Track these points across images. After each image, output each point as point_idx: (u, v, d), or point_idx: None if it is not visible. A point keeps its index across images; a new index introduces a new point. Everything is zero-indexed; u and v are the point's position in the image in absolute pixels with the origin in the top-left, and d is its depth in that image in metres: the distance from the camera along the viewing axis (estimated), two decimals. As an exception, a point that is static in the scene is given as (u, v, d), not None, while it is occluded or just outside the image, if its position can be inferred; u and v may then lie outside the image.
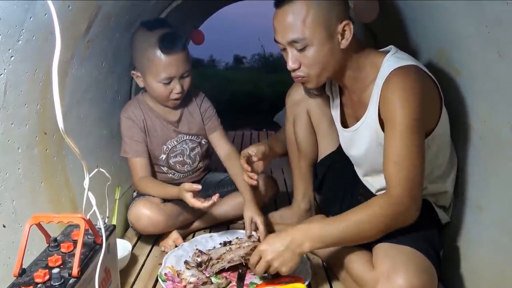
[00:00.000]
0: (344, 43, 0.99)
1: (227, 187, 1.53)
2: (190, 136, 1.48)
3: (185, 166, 1.49)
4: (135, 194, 1.45)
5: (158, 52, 1.30)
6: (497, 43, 0.91)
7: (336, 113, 1.21)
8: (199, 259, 1.20)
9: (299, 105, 1.31)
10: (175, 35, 1.34)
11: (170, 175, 1.49)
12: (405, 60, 1.00)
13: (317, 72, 1.02)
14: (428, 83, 1.00)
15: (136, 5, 1.45)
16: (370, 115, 1.04)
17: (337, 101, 1.19)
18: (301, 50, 0.99)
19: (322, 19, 0.96)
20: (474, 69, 1.04)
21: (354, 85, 1.08)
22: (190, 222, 1.44)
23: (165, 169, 1.48)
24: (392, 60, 1.00)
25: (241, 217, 1.52)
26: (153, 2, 1.58)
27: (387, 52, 1.04)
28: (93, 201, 0.80)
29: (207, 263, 1.19)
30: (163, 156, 1.45)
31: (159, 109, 1.44)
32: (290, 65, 1.02)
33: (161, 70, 1.31)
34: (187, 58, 1.36)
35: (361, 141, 1.10)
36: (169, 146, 1.45)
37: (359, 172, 1.21)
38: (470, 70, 1.07)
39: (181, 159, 1.48)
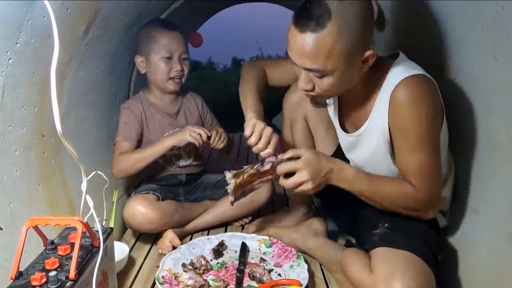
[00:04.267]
0: (365, 68, 0.95)
1: (224, 188, 1.53)
2: None
3: (180, 160, 1.53)
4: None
5: (161, 30, 1.47)
6: (494, 46, 0.91)
7: (335, 117, 1.20)
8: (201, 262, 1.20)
9: (296, 109, 1.30)
10: (175, 23, 1.56)
11: (167, 166, 1.52)
12: (413, 68, 0.97)
13: (331, 94, 1.02)
14: (436, 93, 0.98)
15: (135, 7, 1.45)
16: (375, 122, 1.02)
17: (336, 105, 1.18)
18: (316, 76, 0.94)
19: (346, 53, 0.89)
20: (470, 72, 1.05)
21: (358, 91, 1.05)
22: (186, 222, 1.45)
23: (160, 161, 1.51)
24: (400, 68, 0.98)
25: (238, 218, 1.53)
26: (151, 5, 1.58)
27: (393, 57, 1.02)
28: (91, 204, 0.80)
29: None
30: None
31: (159, 103, 1.52)
32: (303, 86, 0.97)
33: (162, 46, 1.45)
34: (185, 42, 1.51)
35: (365, 146, 1.08)
36: None
37: None
38: (466, 73, 1.07)
39: (177, 152, 1.52)
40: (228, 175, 0.98)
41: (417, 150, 0.95)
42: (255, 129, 1.02)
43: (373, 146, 1.06)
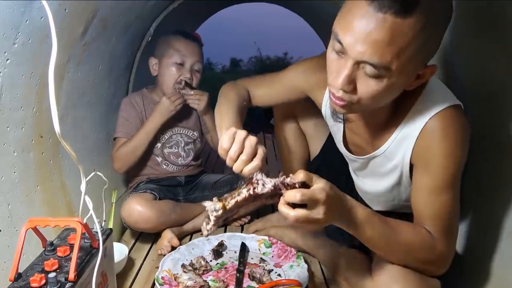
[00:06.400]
0: (413, 86, 0.80)
1: (223, 188, 1.54)
2: (186, 130, 1.57)
3: (179, 159, 1.56)
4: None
5: (178, 37, 1.51)
6: (493, 44, 0.91)
7: (339, 136, 1.07)
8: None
9: (286, 111, 1.31)
10: (196, 36, 1.58)
11: (164, 166, 1.54)
12: (450, 95, 0.86)
13: (366, 105, 0.79)
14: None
15: (133, 8, 1.45)
16: (393, 150, 0.91)
17: (340, 125, 1.04)
18: (369, 75, 0.73)
19: (415, 57, 0.72)
20: (470, 70, 1.05)
21: (380, 111, 0.90)
22: (184, 221, 1.45)
23: (159, 159, 1.53)
24: (436, 93, 0.84)
25: (237, 218, 1.53)
26: (150, 5, 1.58)
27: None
28: (90, 205, 0.79)
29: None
30: (158, 145, 1.52)
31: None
32: (342, 84, 0.75)
33: (176, 51, 1.49)
34: (200, 54, 1.54)
35: (378, 173, 0.99)
36: (166, 136, 1.53)
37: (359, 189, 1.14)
38: (466, 71, 1.07)
39: (176, 150, 1.55)
40: (210, 204, 0.73)
41: (442, 192, 0.84)
42: (235, 138, 0.79)
43: (381, 174, 0.97)
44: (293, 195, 0.71)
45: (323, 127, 1.25)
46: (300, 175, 0.74)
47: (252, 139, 0.79)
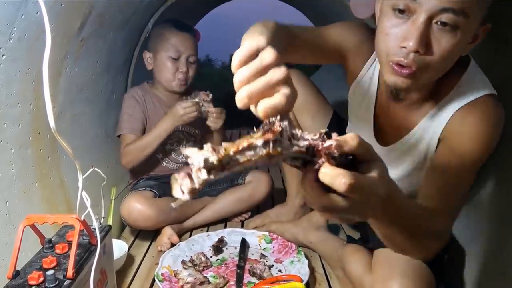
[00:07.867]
0: (467, 49, 0.79)
1: (223, 184, 1.54)
2: (189, 128, 1.56)
3: (180, 156, 1.55)
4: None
5: (171, 29, 1.49)
6: (493, 43, 0.90)
7: (368, 123, 1.00)
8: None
9: None
10: (188, 25, 1.57)
11: (165, 163, 1.53)
12: (488, 83, 0.84)
13: (436, 69, 0.75)
14: None
15: (130, 4, 1.44)
16: (422, 134, 0.88)
17: (371, 109, 0.99)
18: (443, 27, 0.70)
19: (484, 4, 0.72)
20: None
21: (419, 95, 0.87)
22: (184, 219, 1.44)
23: (160, 156, 1.52)
24: (476, 80, 0.83)
25: (237, 214, 1.52)
26: (147, 1, 1.57)
27: (460, 62, 0.83)
28: (88, 201, 0.79)
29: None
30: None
31: (161, 95, 1.55)
32: (416, 43, 0.70)
33: (171, 45, 1.47)
34: (195, 45, 1.52)
35: (398, 161, 0.95)
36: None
37: None
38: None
39: (178, 147, 1.54)
40: (199, 154, 0.44)
41: (463, 176, 0.82)
42: (260, 54, 0.48)
43: (408, 162, 0.94)
44: (339, 180, 0.41)
45: (322, 119, 1.24)
46: (353, 142, 0.43)
47: (281, 71, 0.46)
